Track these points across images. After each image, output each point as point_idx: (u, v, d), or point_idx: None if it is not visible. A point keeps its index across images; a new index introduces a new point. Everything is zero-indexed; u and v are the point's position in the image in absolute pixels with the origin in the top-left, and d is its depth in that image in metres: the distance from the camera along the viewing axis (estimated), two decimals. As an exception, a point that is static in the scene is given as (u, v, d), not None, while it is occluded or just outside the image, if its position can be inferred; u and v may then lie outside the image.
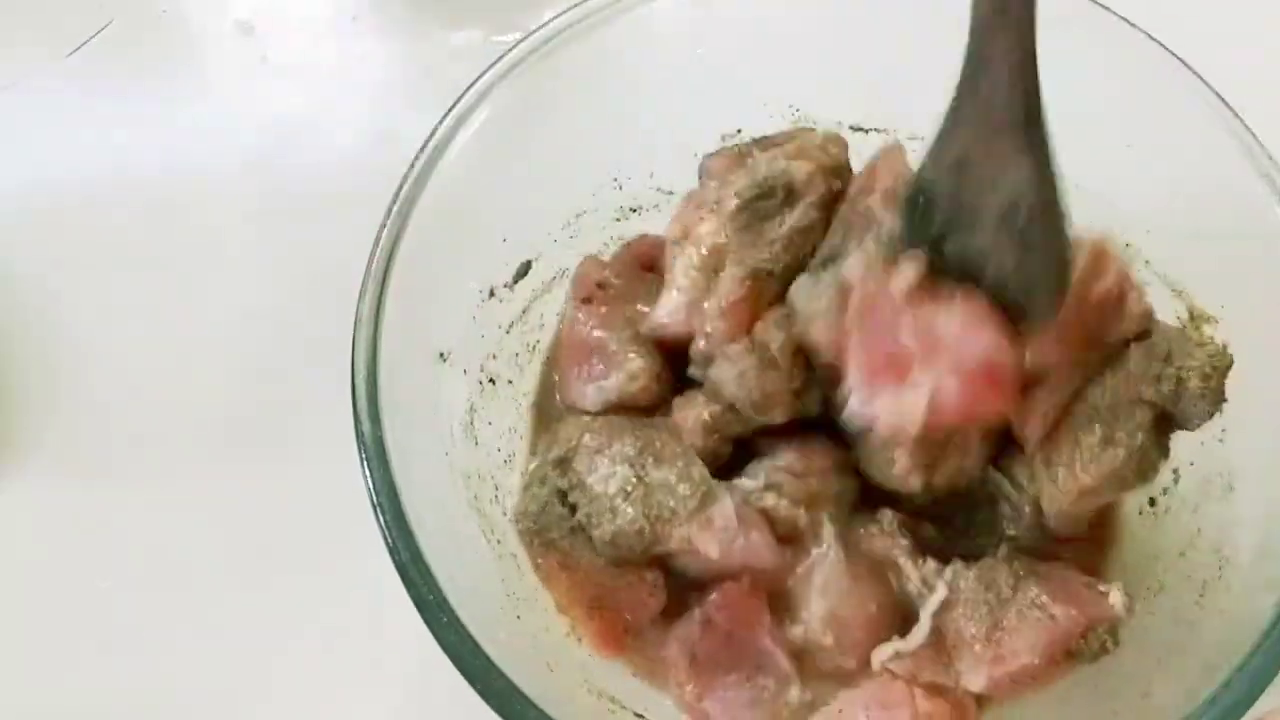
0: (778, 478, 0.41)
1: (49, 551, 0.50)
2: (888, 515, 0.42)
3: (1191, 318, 0.44)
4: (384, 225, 0.41)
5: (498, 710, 0.35)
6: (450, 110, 0.43)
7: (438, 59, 0.61)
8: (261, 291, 0.55)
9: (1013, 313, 0.37)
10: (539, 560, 0.42)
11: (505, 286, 0.46)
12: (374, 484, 0.38)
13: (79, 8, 0.61)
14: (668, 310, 0.43)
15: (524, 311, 0.47)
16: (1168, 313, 0.44)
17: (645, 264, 0.46)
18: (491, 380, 0.46)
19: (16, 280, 0.55)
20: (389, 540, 0.37)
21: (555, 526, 0.41)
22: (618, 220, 0.49)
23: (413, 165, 0.42)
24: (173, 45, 0.62)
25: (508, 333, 0.46)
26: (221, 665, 0.47)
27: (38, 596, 0.49)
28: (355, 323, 0.40)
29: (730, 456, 0.43)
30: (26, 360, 0.54)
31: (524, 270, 0.47)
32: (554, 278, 0.48)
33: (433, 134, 0.43)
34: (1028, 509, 0.41)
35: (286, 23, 0.63)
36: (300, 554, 0.49)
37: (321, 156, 0.58)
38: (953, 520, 0.43)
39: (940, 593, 0.40)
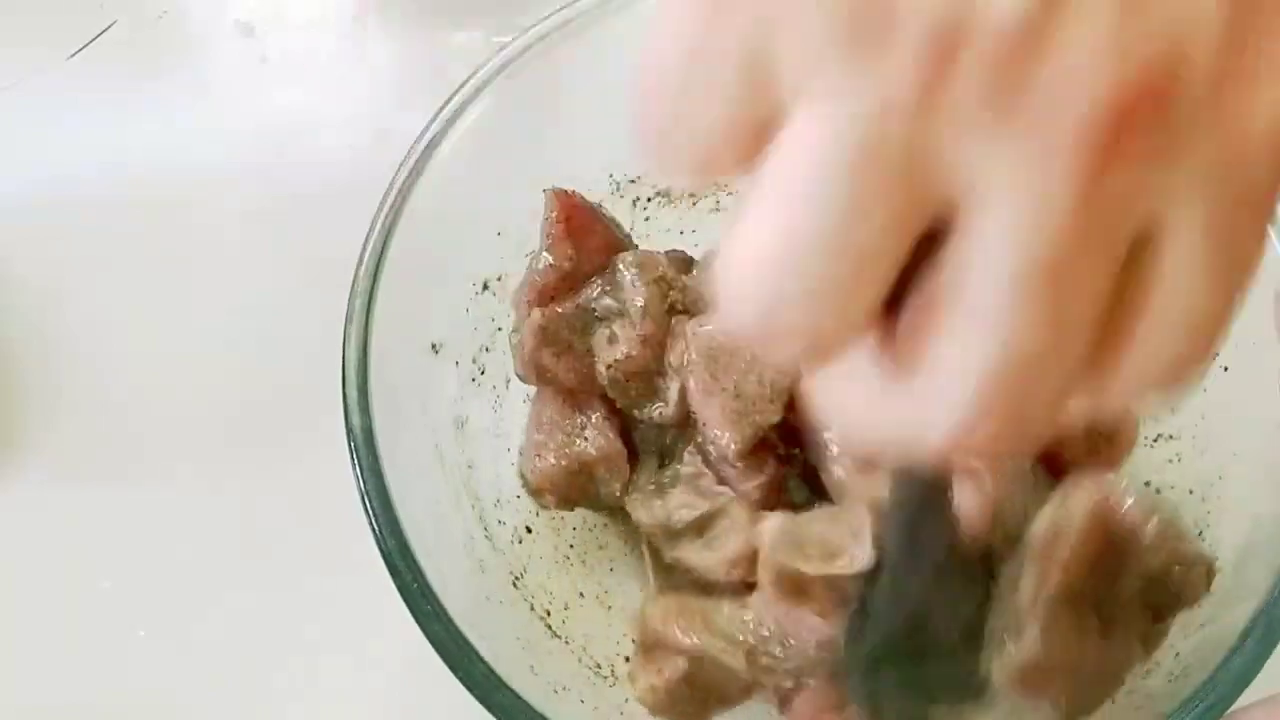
0: None
1: (49, 551, 0.50)
2: None
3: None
4: (378, 216, 0.42)
5: (482, 701, 0.36)
6: (446, 103, 0.43)
7: (438, 59, 0.61)
8: (261, 291, 0.55)
9: None
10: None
11: (499, 280, 0.46)
12: (362, 473, 0.38)
13: (80, 9, 0.62)
14: None
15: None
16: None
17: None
18: (484, 372, 0.46)
19: (16, 280, 0.55)
20: (375, 529, 0.37)
21: None
22: (614, 216, 0.49)
23: (407, 157, 0.42)
24: (173, 46, 0.62)
25: (500, 326, 0.46)
26: (222, 664, 0.48)
27: (38, 596, 0.49)
28: (347, 314, 0.40)
29: None
30: (27, 360, 0.54)
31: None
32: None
33: (428, 126, 0.43)
34: None
35: (286, 23, 0.63)
36: (303, 553, 0.49)
37: (321, 156, 0.58)
38: None
39: None
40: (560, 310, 0.43)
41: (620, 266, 0.43)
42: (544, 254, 0.43)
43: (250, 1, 0.63)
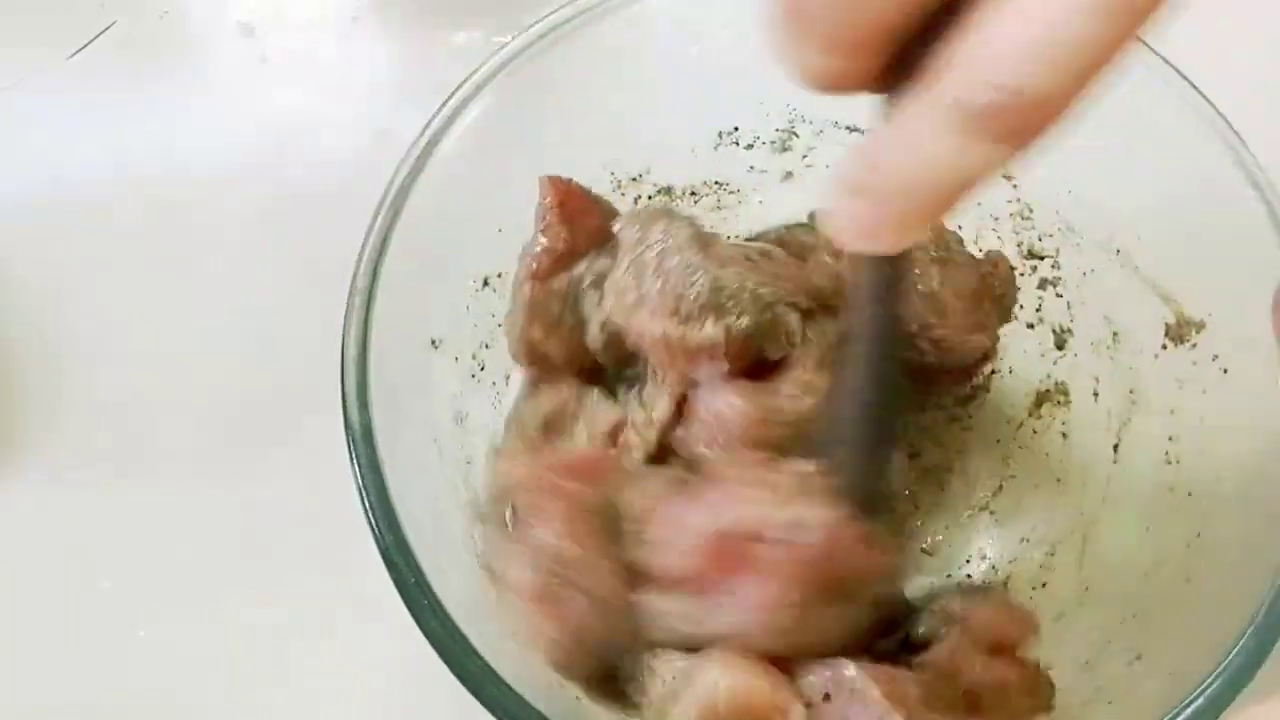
0: None
1: (49, 551, 0.50)
2: None
3: (1179, 323, 0.44)
4: (378, 212, 0.42)
5: (476, 695, 0.36)
6: (447, 100, 0.43)
7: (438, 59, 0.61)
8: (262, 291, 0.55)
9: None
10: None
11: (499, 277, 0.47)
12: (360, 469, 0.38)
13: (80, 9, 0.62)
14: None
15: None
16: (1156, 318, 0.44)
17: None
18: (483, 368, 0.46)
19: (17, 280, 0.55)
20: (373, 525, 0.38)
21: None
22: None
23: (408, 154, 0.42)
24: (173, 46, 0.62)
25: (500, 323, 0.47)
26: (222, 664, 0.48)
27: (38, 596, 0.49)
28: (346, 309, 0.40)
29: None
30: (27, 360, 0.54)
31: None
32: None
33: (429, 124, 0.43)
34: None
35: (286, 23, 0.63)
36: (303, 553, 0.49)
37: (321, 156, 0.58)
38: None
39: None
40: (553, 286, 0.43)
41: (621, 224, 0.43)
42: (539, 237, 0.43)
43: (250, 1, 0.63)
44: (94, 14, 0.62)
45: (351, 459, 0.39)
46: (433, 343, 0.44)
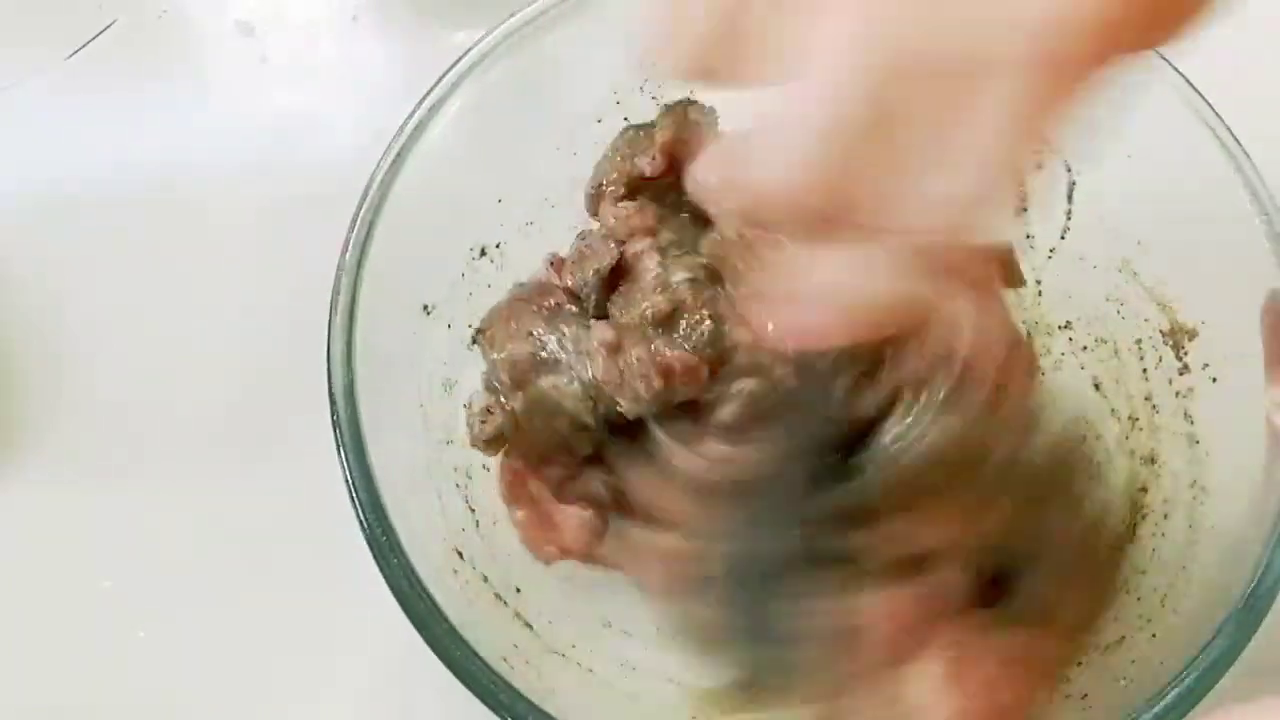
0: None
1: (49, 551, 0.50)
2: None
3: (1173, 330, 0.44)
4: (376, 171, 0.42)
5: (446, 663, 0.36)
6: (449, 70, 0.44)
7: (438, 59, 0.61)
8: (262, 291, 0.55)
9: None
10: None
11: (497, 248, 0.47)
12: (341, 427, 0.38)
13: (80, 9, 0.62)
14: None
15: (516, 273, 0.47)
16: (1151, 326, 0.45)
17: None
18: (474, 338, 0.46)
19: (16, 280, 0.55)
20: (349, 478, 0.38)
21: None
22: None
23: (410, 117, 0.43)
24: (173, 46, 0.62)
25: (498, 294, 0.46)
26: (222, 664, 0.48)
27: (38, 596, 0.50)
28: (338, 269, 0.40)
29: None
30: (26, 360, 0.54)
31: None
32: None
33: (429, 91, 0.43)
34: None
35: (286, 23, 0.63)
36: (304, 553, 0.49)
37: (322, 156, 0.58)
38: None
39: None
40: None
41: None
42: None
43: (250, 1, 0.63)
44: (93, 14, 0.61)
45: (332, 417, 0.38)
46: (425, 308, 0.44)
